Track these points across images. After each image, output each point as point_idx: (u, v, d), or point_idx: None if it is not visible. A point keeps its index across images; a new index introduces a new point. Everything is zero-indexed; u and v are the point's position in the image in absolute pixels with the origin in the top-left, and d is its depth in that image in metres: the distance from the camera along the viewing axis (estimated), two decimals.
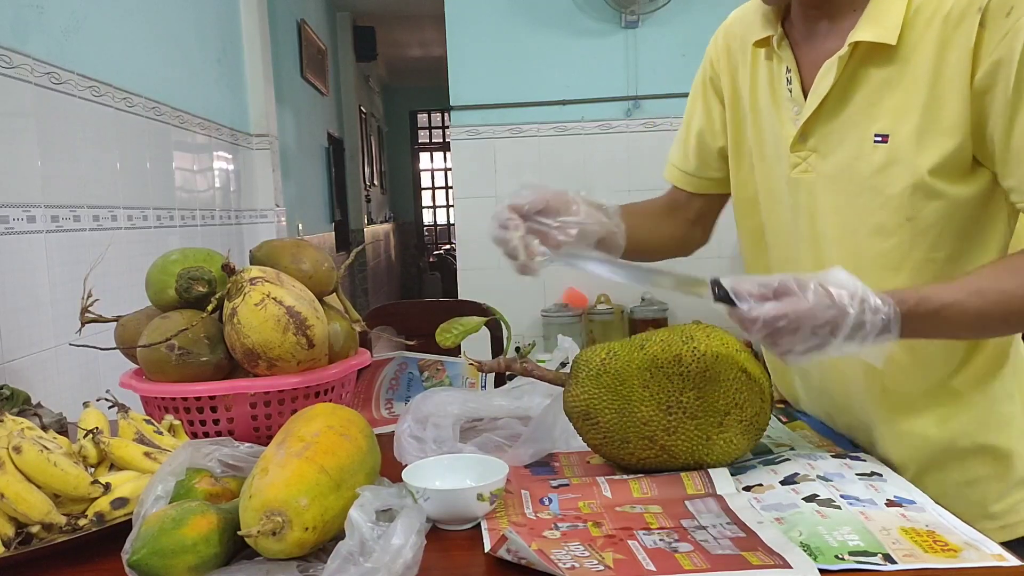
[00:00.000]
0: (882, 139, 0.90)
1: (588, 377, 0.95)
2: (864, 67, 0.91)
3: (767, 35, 1.01)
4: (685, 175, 1.20)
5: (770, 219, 1.07)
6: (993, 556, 0.71)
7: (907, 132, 0.89)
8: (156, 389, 1.09)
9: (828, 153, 0.96)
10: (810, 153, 0.97)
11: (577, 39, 3.85)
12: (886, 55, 0.89)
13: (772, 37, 1.00)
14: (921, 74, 0.88)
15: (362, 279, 7.02)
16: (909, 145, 0.89)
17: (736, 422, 0.91)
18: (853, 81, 0.92)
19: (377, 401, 1.42)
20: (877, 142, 0.91)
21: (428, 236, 11.68)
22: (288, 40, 4.85)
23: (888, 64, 0.90)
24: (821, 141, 0.96)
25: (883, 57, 0.90)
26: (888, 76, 0.90)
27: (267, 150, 3.49)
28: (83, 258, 1.86)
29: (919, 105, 0.88)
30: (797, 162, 0.99)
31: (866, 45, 0.90)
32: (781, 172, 1.02)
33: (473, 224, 3.94)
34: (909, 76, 0.89)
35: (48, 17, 1.79)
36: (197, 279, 1.12)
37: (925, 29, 0.87)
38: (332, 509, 0.76)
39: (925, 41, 0.87)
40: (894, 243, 0.92)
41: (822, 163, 0.96)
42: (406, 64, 9.74)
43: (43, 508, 0.82)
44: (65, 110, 1.85)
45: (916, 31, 0.88)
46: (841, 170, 0.95)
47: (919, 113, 0.88)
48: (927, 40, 0.87)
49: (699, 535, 0.78)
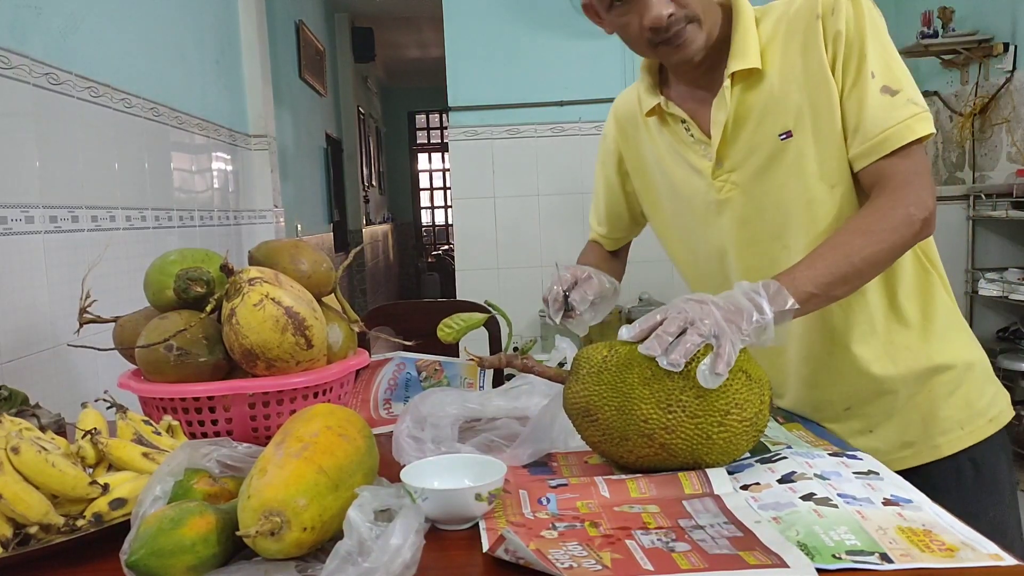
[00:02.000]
0: (786, 135, 1.10)
1: (589, 374, 0.95)
2: (745, 91, 1.12)
3: (654, 104, 1.21)
4: (604, 237, 1.47)
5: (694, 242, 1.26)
6: (990, 556, 0.71)
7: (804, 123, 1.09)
8: (154, 389, 1.09)
9: (746, 166, 1.14)
10: (729, 173, 1.16)
11: (574, 40, 3.85)
12: (757, 77, 1.12)
13: (659, 104, 1.20)
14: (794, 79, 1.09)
15: (360, 280, 7.02)
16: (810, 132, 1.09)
17: (736, 422, 0.91)
18: (742, 104, 1.13)
19: (375, 401, 1.42)
20: (783, 139, 1.11)
21: (426, 237, 11.68)
22: (286, 41, 4.85)
23: (760, 83, 1.11)
24: (736, 161, 1.15)
25: (755, 79, 1.12)
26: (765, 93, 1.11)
27: (265, 151, 3.49)
28: (81, 259, 1.86)
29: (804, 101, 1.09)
30: (720, 185, 1.17)
31: (742, 72, 1.11)
32: (701, 201, 1.20)
33: (471, 225, 3.94)
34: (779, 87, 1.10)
35: (46, 18, 1.79)
36: (195, 280, 1.12)
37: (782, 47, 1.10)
38: (330, 509, 0.76)
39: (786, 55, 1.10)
40: (826, 208, 1.11)
41: (743, 176, 1.15)
42: (404, 65, 9.75)
43: (41, 509, 0.82)
44: (63, 111, 1.84)
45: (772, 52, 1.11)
46: (762, 171, 1.13)
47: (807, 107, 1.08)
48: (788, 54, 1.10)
49: (697, 535, 0.78)
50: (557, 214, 3.92)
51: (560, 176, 3.91)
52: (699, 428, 0.91)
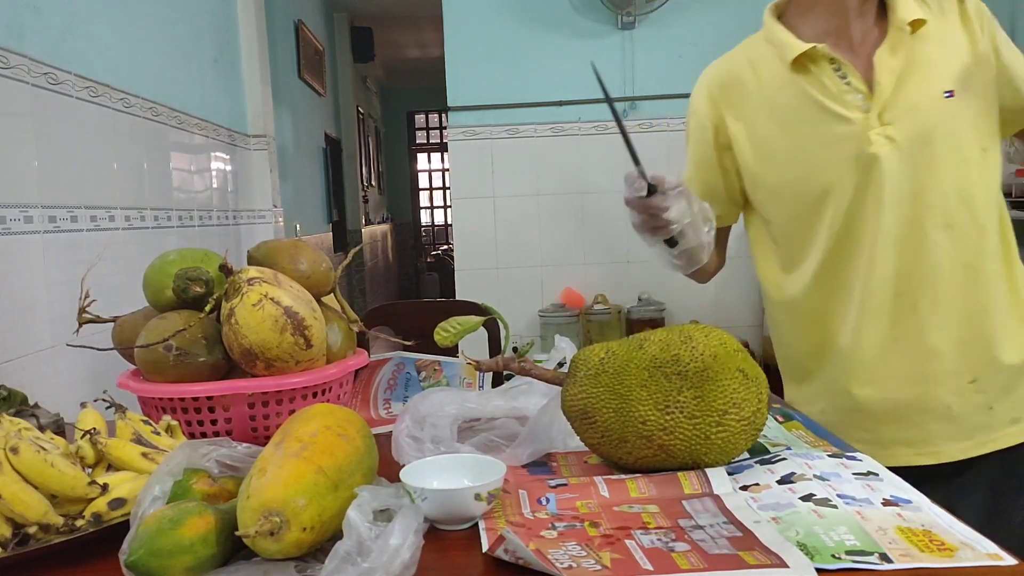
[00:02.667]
0: (950, 94, 1.14)
1: (586, 376, 0.95)
2: (915, 42, 1.15)
3: (805, 49, 1.18)
4: None
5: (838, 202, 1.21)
6: (989, 555, 0.71)
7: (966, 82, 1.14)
8: (154, 389, 1.09)
9: (905, 121, 1.15)
10: (886, 127, 1.16)
11: (574, 40, 3.85)
12: (925, 30, 1.15)
13: (817, 48, 1.18)
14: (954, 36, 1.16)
15: (360, 279, 7.02)
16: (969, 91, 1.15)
17: (734, 421, 0.91)
18: (911, 55, 1.15)
19: (375, 401, 1.42)
20: (948, 97, 1.14)
21: (425, 237, 11.68)
22: (285, 41, 4.85)
23: (928, 37, 1.15)
24: (896, 114, 1.15)
25: (923, 32, 1.15)
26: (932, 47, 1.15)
27: (264, 151, 3.49)
28: (80, 259, 1.86)
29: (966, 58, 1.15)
30: (875, 138, 1.16)
31: (916, 22, 1.14)
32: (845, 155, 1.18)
33: (470, 224, 3.94)
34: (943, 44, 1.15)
35: (45, 17, 1.79)
36: (195, 279, 1.12)
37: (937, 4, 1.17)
38: (330, 509, 0.76)
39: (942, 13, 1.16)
40: (978, 171, 1.17)
41: (903, 131, 1.15)
42: (403, 65, 9.74)
43: (40, 509, 0.82)
44: (62, 110, 1.84)
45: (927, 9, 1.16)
46: (922, 128, 1.15)
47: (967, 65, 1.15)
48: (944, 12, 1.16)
49: (696, 535, 0.78)
50: (557, 214, 3.92)
51: (559, 176, 3.90)
52: (697, 428, 0.91)
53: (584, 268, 3.96)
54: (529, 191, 3.93)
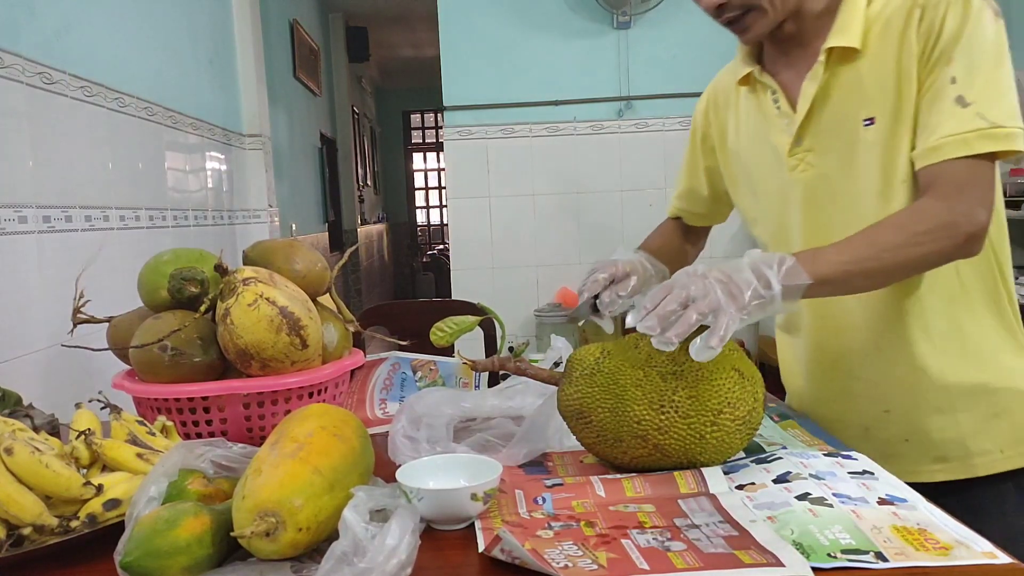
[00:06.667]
0: (870, 122, 1.08)
1: (582, 376, 0.96)
2: (838, 70, 1.09)
3: (748, 71, 1.20)
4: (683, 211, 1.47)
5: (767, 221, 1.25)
6: (984, 554, 0.71)
7: (889, 112, 1.06)
8: (149, 390, 1.08)
9: (824, 148, 1.12)
10: (806, 153, 1.14)
11: (569, 40, 3.85)
12: (854, 56, 1.08)
13: (753, 71, 1.19)
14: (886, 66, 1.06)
15: (355, 279, 7.01)
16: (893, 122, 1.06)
17: (729, 421, 0.92)
18: (833, 82, 1.10)
19: (371, 401, 1.41)
20: (867, 125, 1.08)
21: (421, 236, 11.67)
22: (281, 40, 4.84)
23: (856, 64, 1.08)
24: (815, 140, 1.13)
25: (852, 59, 1.08)
26: (858, 75, 1.08)
27: (260, 150, 3.48)
28: (75, 259, 1.86)
29: (892, 90, 1.06)
30: (795, 164, 1.15)
31: (839, 50, 1.08)
32: (775, 180, 1.19)
33: (466, 224, 3.94)
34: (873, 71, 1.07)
35: (40, 17, 1.79)
36: (190, 279, 1.11)
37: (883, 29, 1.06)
38: (326, 509, 0.76)
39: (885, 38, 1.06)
40: (896, 203, 1.07)
41: (820, 158, 1.13)
42: (399, 64, 9.73)
43: (35, 510, 0.82)
44: (57, 110, 1.84)
45: (873, 35, 1.07)
46: (841, 156, 1.11)
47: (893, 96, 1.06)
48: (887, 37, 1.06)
49: (692, 534, 0.78)
50: (552, 214, 3.92)
51: (555, 176, 3.90)
52: (692, 428, 0.91)
53: (580, 268, 3.93)
54: (525, 191, 3.93)
